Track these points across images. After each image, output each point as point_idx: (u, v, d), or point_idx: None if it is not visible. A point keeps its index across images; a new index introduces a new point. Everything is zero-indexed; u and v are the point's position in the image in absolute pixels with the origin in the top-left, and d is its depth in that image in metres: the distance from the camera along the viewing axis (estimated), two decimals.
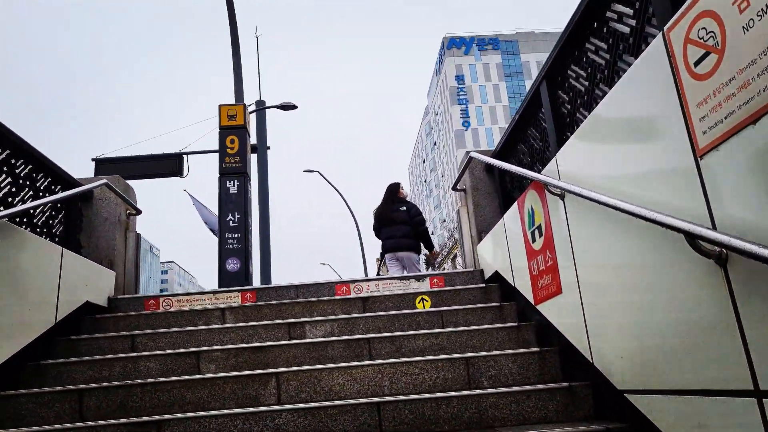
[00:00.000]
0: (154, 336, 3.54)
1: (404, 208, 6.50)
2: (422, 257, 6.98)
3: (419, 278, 4.45)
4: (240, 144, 10.46)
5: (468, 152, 4.98)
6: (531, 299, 3.40)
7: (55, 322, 3.47)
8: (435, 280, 4.42)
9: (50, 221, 4.01)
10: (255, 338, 3.57)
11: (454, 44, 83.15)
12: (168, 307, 4.24)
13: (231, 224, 9.91)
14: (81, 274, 3.86)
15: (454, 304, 4.01)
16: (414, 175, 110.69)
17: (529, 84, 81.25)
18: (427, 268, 32.92)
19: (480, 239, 4.69)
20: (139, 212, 4.80)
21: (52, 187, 4.05)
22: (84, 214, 4.50)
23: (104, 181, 4.23)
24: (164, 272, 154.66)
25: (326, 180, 30.52)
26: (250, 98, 14.82)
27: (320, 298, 4.04)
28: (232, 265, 9.64)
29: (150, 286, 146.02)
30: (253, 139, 14.30)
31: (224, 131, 10.60)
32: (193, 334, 3.57)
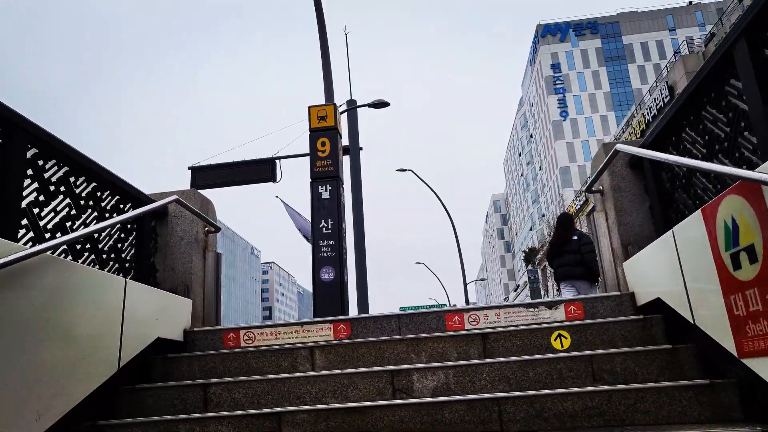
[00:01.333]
0: (229, 386, 2.92)
1: (575, 237, 6.68)
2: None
3: (551, 305, 3.53)
4: (331, 146, 9.94)
5: (606, 144, 3.99)
6: (729, 347, 2.39)
7: (119, 367, 2.94)
8: (572, 307, 3.48)
9: (119, 245, 3.52)
10: (350, 390, 2.84)
11: (548, 31, 79.49)
12: (250, 342, 3.63)
13: (324, 231, 9.39)
14: (151, 307, 3.34)
15: (603, 344, 3.06)
16: (509, 169, 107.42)
17: (634, 68, 76.02)
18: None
19: (626, 253, 3.68)
20: (218, 229, 4.26)
21: (120, 206, 3.57)
22: (159, 233, 4.02)
23: (175, 197, 3.69)
24: (265, 272, 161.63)
25: (419, 178, 29.84)
26: (340, 99, 14.37)
27: (429, 335, 3.23)
28: (327, 274, 9.11)
29: (251, 285, 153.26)
30: (345, 141, 13.88)
31: (315, 133, 10.12)
32: (276, 384, 2.90)
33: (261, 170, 12.00)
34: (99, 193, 3.34)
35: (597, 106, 76.45)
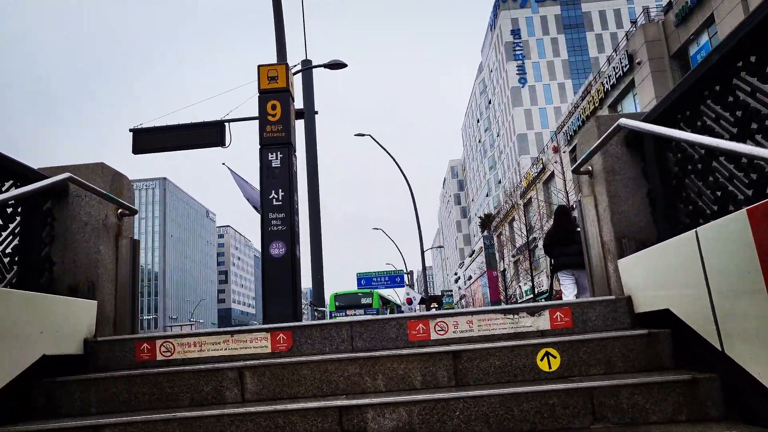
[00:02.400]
0: (128, 427, 2.24)
1: (579, 229, 6.11)
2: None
3: (533, 311, 2.96)
4: (282, 110, 9.08)
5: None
6: None
7: None
8: (558, 314, 2.91)
9: None
10: None
11: None
12: (168, 354, 2.93)
13: (274, 203, 8.61)
14: (30, 317, 2.58)
15: (599, 364, 2.51)
16: (467, 135, 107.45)
17: (591, 36, 76.17)
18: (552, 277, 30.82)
19: (620, 248, 3.13)
20: (134, 212, 3.47)
21: None
22: (56, 218, 3.22)
23: (67, 174, 2.89)
24: (221, 236, 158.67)
25: (378, 143, 29.10)
26: (295, 61, 13.32)
27: (388, 353, 2.60)
28: (277, 249, 8.39)
29: (206, 249, 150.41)
30: (299, 104, 12.97)
31: (264, 96, 9.22)
32: (191, 425, 2.24)
33: (209, 134, 10.98)
34: None
35: (555, 74, 76.66)
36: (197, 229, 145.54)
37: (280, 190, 8.66)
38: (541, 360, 2.54)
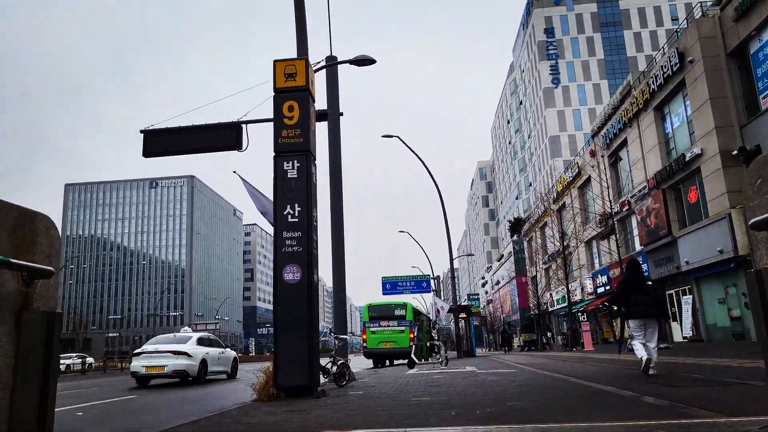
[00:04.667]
0: None
1: (650, 282, 8.00)
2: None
3: None
4: (301, 112, 7.94)
5: None
6: None
7: None
8: None
9: None
10: None
11: None
12: None
13: (289, 219, 7.47)
14: None
15: None
16: (497, 136, 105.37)
17: (629, 35, 73.62)
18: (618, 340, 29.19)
19: None
20: (49, 274, 2.32)
21: None
22: None
23: None
24: (247, 234, 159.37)
25: (405, 145, 27.87)
26: (318, 58, 12.11)
27: None
28: (291, 274, 7.23)
29: (234, 247, 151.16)
30: (322, 104, 11.82)
31: (281, 95, 8.10)
32: None
33: (225, 136, 9.90)
34: None
35: (590, 74, 74.29)
36: (224, 227, 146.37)
37: (297, 205, 7.51)
38: None
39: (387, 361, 26.42)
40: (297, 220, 7.44)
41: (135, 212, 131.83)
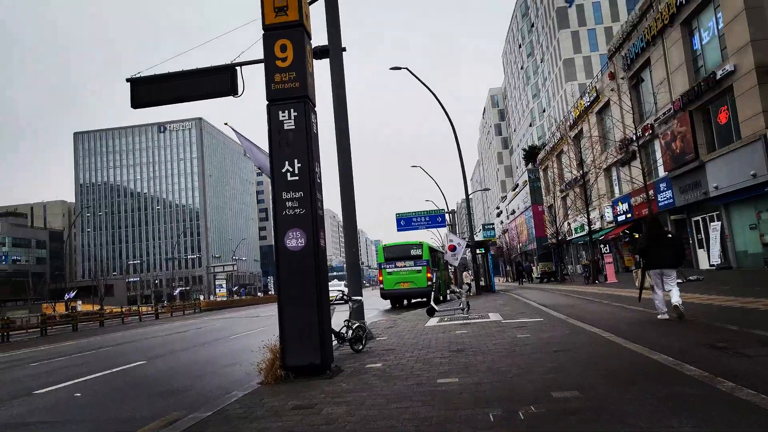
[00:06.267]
0: None
1: (670, 236, 8.95)
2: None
3: None
4: (296, 52, 6.83)
5: None
6: None
7: None
8: None
9: None
10: None
11: None
12: None
13: (289, 177, 6.55)
14: None
15: None
16: (509, 61, 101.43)
17: None
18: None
19: None
20: None
21: None
22: None
23: None
24: (259, 174, 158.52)
25: (415, 77, 26.43)
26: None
27: None
28: (294, 240, 6.38)
29: (247, 188, 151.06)
30: (320, 40, 10.59)
31: (271, 33, 6.97)
32: None
33: (218, 81, 8.83)
34: None
35: None
36: (235, 169, 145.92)
37: (296, 161, 6.56)
38: None
39: (405, 301, 26.10)
40: (297, 178, 6.51)
41: (146, 158, 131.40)
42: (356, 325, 8.33)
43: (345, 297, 8.94)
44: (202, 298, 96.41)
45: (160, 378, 8.49)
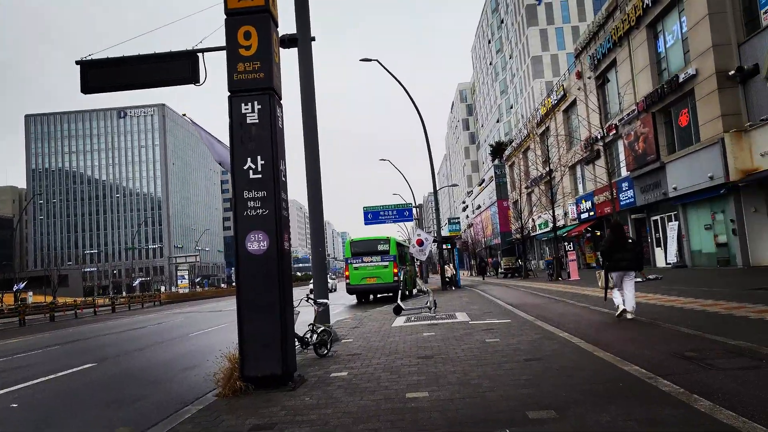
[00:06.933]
0: None
1: (631, 241, 9.78)
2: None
3: None
4: (261, 39, 6.42)
5: None
6: None
7: None
8: None
9: None
10: None
11: None
12: None
13: (251, 175, 6.15)
14: None
15: None
16: (478, 56, 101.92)
17: None
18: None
19: None
20: None
21: None
22: None
23: None
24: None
25: (386, 69, 26.15)
26: None
27: None
28: (256, 243, 6.01)
29: (212, 177, 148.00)
30: (289, 28, 10.12)
31: (234, 19, 6.52)
32: None
33: (178, 67, 8.28)
34: None
35: None
36: (199, 157, 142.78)
37: (259, 157, 6.17)
38: None
39: (371, 296, 25.87)
40: (261, 176, 6.12)
41: (104, 143, 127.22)
42: (321, 329, 8.00)
43: (309, 298, 8.59)
44: (163, 289, 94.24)
45: (111, 384, 7.99)
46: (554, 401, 4.39)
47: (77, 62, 8.57)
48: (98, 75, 8.43)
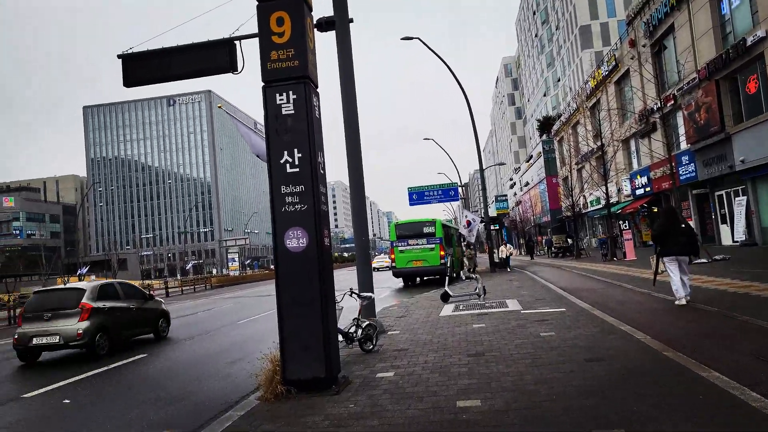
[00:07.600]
0: None
1: (684, 226, 9.39)
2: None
3: None
4: (294, 25, 6.05)
5: None
6: None
7: None
8: None
9: None
10: None
11: None
12: None
13: (288, 169, 5.85)
14: None
15: None
16: (522, 29, 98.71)
17: None
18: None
19: None
20: None
21: None
22: None
23: None
24: None
25: (427, 47, 25.34)
26: None
27: None
28: (295, 240, 5.72)
29: (258, 160, 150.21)
30: (323, 11, 9.72)
31: (265, 5, 6.18)
32: None
33: (216, 56, 8.10)
34: None
35: None
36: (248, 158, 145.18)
37: (296, 150, 5.85)
38: None
39: (417, 279, 25.56)
40: (298, 170, 5.81)
41: (156, 131, 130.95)
42: (366, 323, 7.72)
43: (353, 292, 8.30)
44: (215, 271, 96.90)
45: (158, 378, 7.99)
46: (624, 417, 3.94)
47: (119, 56, 8.50)
48: (139, 68, 8.36)
